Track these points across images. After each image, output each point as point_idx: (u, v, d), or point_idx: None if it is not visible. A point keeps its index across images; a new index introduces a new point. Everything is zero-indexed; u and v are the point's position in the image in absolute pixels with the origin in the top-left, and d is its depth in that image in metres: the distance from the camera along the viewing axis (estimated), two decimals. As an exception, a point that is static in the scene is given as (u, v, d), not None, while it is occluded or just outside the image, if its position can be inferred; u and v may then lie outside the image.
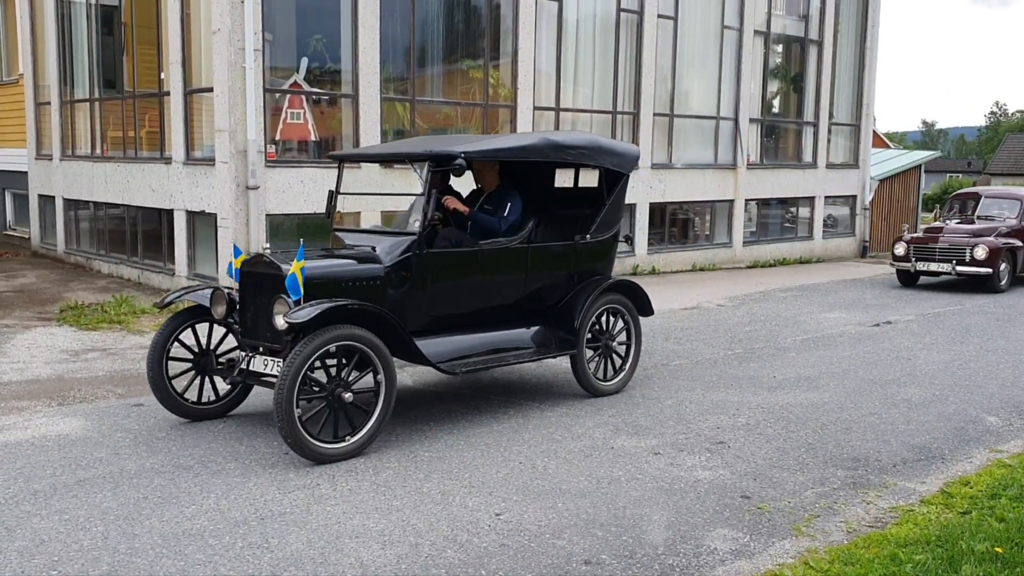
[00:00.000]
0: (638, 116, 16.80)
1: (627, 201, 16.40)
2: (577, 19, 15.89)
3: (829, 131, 20.93)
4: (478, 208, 7.82)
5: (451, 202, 7.60)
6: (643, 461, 6.32)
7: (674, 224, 18.14)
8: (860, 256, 21.84)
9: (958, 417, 7.64)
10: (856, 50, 21.50)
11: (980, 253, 14.96)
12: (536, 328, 7.74)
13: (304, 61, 12.86)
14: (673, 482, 5.92)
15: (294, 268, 6.12)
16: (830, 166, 21.05)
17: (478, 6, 14.69)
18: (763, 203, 19.84)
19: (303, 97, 12.80)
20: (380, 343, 6.26)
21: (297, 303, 6.13)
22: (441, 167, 7.00)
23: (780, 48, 20.42)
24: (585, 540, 4.99)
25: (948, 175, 63.68)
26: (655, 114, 17.08)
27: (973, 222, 16.18)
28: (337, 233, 7.72)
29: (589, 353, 7.93)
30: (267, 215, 12.24)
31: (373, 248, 6.91)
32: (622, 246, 9.20)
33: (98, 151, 15.78)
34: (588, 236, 7.96)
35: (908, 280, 16.23)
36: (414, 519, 5.22)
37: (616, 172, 8.22)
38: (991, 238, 15.34)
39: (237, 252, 6.89)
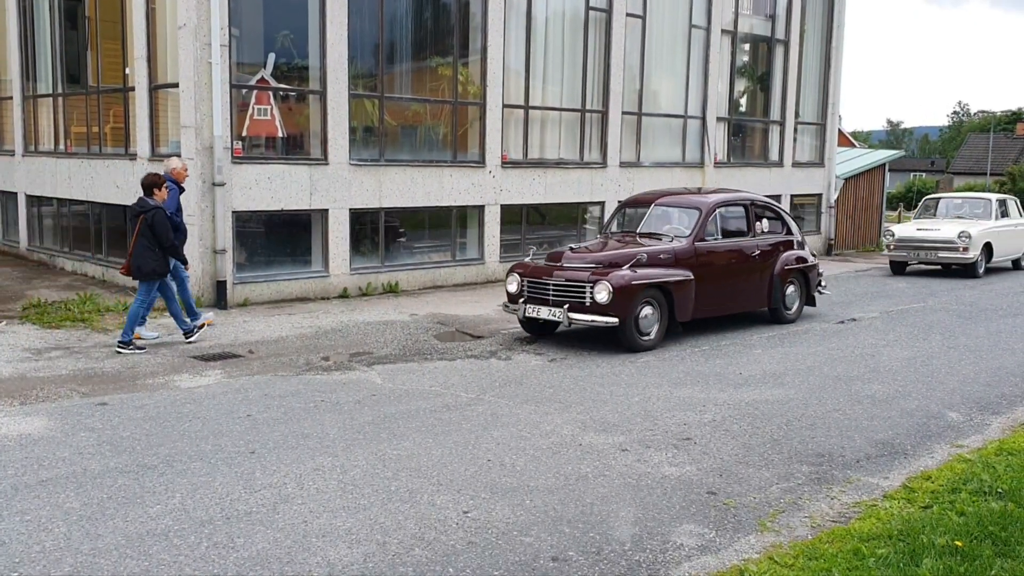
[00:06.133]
0: (607, 114, 16.86)
1: (596, 200, 16.71)
2: (546, 17, 15.92)
3: (795, 130, 21.15)
4: None
5: None
6: (610, 458, 6.35)
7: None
8: (826, 254, 22.07)
9: (920, 413, 7.75)
10: (822, 50, 21.73)
11: (602, 295, 9.73)
12: None
13: (271, 57, 12.77)
14: (640, 478, 5.95)
15: None
16: (796, 165, 21.27)
17: (447, 3, 14.66)
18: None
19: (270, 93, 12.71)
20: None
21: None
22: None
23: (747, 47, 20.59)
24: (553, 537, 5.01)
25: (912, 174, 64.59)
26: (624, 112, 17.15)
27: (636, 241, 10.96)
28: None
29: None
30: (233, 212, 12.14)
31: None
32: None
33: (61, 147, 15.57)
34: None
35: (531, 327, 10.74)
36: (382, 518, 5.21)
37: None
38: (625, 270, 9.95)
39: None
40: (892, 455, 6.62)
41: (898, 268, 18.30)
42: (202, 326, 10.10)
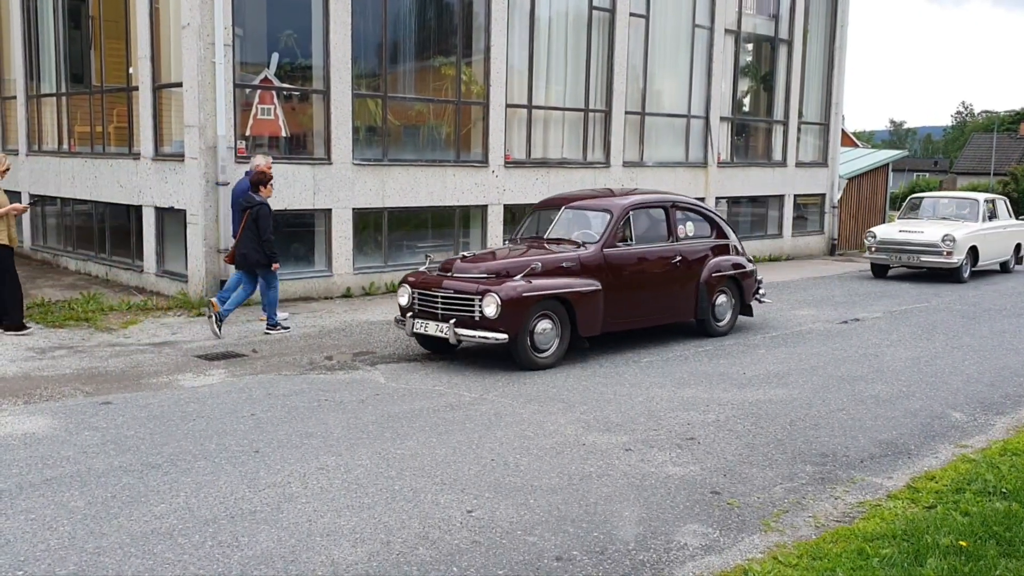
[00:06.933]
0: (610, 114, 16.85)
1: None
2: (550, 16, 15.91)
3: (799, 130, 21.12)
4: None
5: None
6: (614, 457, 6.35)
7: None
8: (829, 254, 22.05)
9: (924, 413, 7.74)
10: (825, 49, 21.70)
11: (490, 308, 8.77)
12: None
13: (275, 56, 12.77)
14: (644, 478, 5.95)
15: None
16: (799, 164, 21.24)
17: (450, 2, 14.65)
18: (733, 200, 19.98)
19: (273, 92, 12.71)
20: None
21: None
22: None
23: (750, 47, 20.57)
24: (556, 536, 5.01)
25: (915, 174, 64.51)
26: (627, 112, 17.14)
27: (542, 247, 10.00)
28: None
29: None
30: (237, 211, 12.13)
31: None
32: None
33: (65, 146, 15.58)
34: None
35: (427, 344, 9.80)
36: (386, 517, 5.21)
37: None
38: (518, 280, 9.02)
39: None
40: (896, 455, 6.61)
41: (879, 271, 17.50)
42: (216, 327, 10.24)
